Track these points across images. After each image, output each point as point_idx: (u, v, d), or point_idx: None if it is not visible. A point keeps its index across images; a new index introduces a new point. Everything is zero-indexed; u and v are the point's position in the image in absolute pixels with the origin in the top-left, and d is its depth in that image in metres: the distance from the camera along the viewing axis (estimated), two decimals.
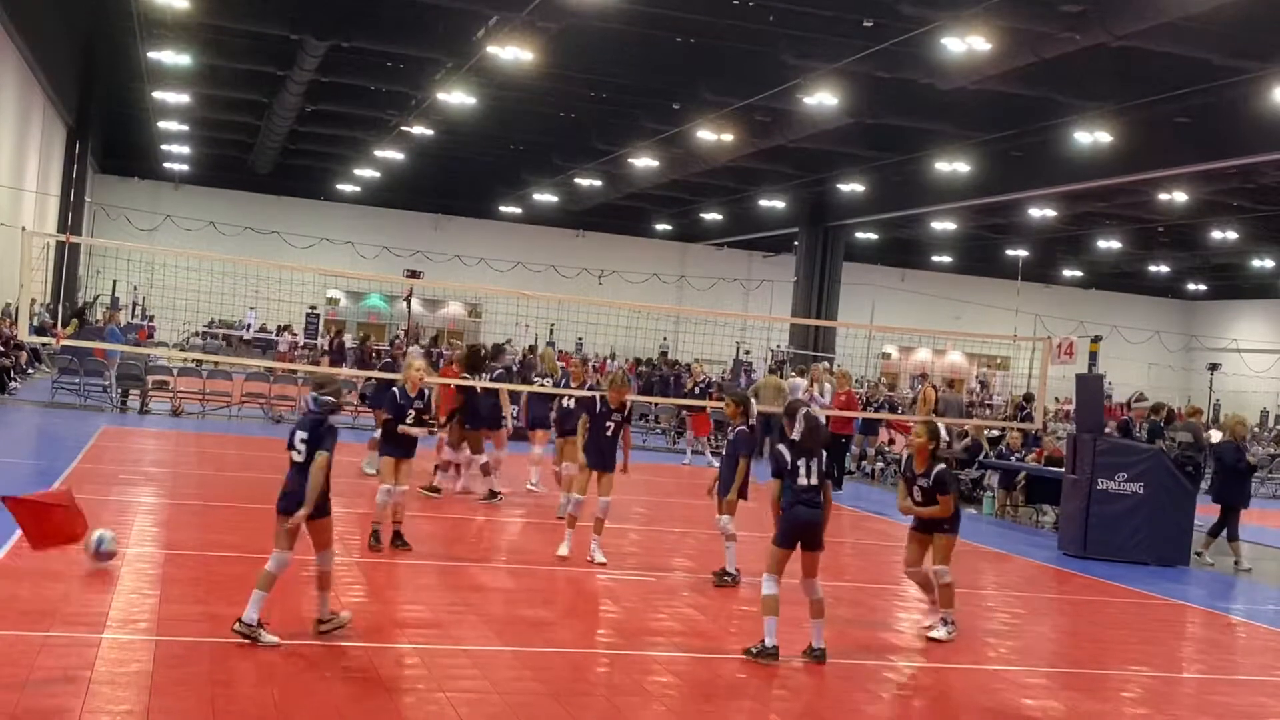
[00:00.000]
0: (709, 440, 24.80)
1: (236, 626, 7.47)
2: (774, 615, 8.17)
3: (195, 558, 10.14)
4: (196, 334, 41.40)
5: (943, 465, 9.29)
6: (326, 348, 37.36)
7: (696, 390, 25.50)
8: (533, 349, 39.93)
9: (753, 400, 11.68)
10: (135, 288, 43.21)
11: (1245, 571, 15.11)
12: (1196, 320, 61.51)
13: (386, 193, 51.01)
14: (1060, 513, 16.41)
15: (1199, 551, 15.25)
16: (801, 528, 8.34)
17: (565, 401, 14.37)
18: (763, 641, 8.17)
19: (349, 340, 39.40)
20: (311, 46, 28.57)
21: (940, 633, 9.36)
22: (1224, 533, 15.44)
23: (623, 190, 45.37)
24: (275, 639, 7.48)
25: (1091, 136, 27.88)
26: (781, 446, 8.45)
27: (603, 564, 11.24)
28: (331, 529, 7.95)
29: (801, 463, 8.37)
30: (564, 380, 15.62)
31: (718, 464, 21.89)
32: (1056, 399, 36.83)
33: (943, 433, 9.31)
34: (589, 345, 44.37)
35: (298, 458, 7.73)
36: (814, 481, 8.38)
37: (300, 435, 7.78)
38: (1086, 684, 8.69)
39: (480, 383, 14.96)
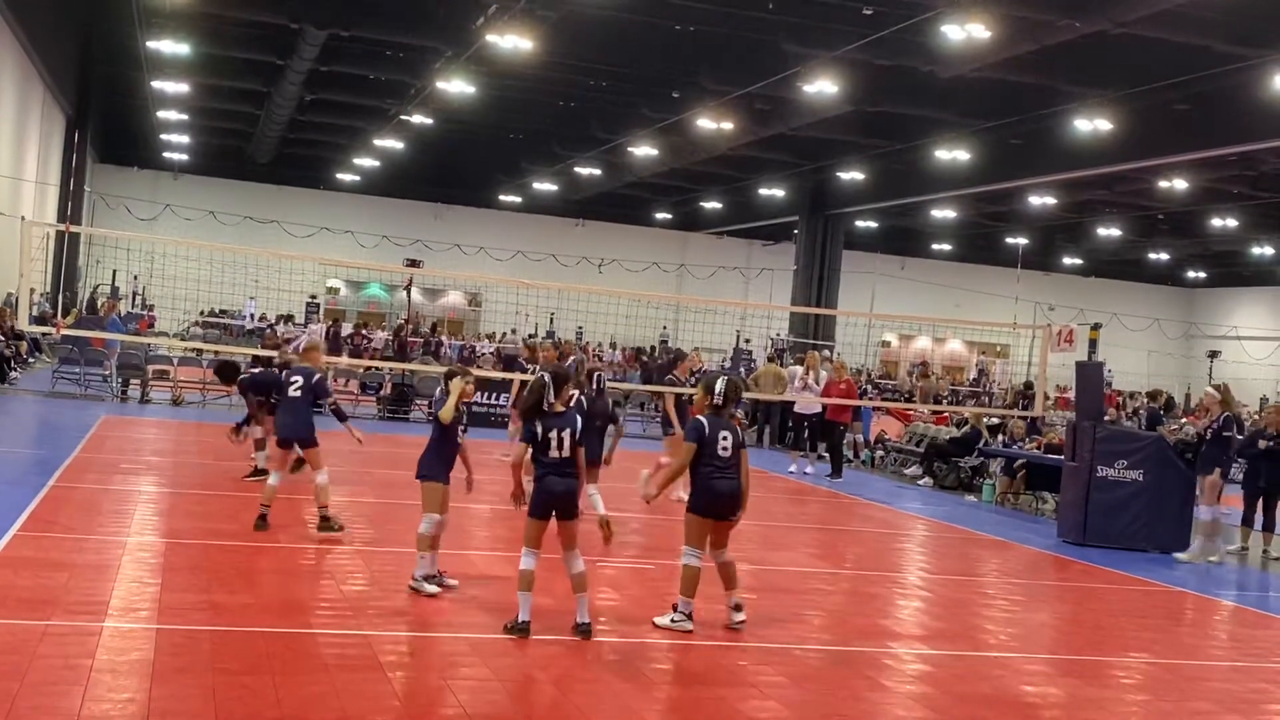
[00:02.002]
0: None
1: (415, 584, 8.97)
2: (529, 591, 8.03)
3: (196, 546, 10.15)
4: (196, 324, 41.40)
5: (698, 417, 8.72)
6: (322, 336, 37.37)
7: (690, 381, 25.12)
8: (532, 337, 39.96)
9: (602, 375, 12.68)
10: (135, 277, 43.20)
11: (1242, 553, 15.19)
12: (1196, 308, 61.49)
13: (386, 182, 50.98)
14: (1060, 500, 16.43)
15: (1266, 549, 15.19)
16: (555, 498, 8.08)
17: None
18: (517, 617, 8.02)
19: (346, 329, 39.52)
20: (311, 35, 28.52)
21: (664, 619, 8.64)
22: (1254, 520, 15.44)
23: (622, 179, 45.32)
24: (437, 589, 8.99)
25: (1091, 124, 27.85)
26: (533, 418, 8.21)
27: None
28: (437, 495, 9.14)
29: (554, 434, 8.10)
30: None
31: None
32: (1058, 386, 36.86)
33: (718, 387, 8.86)
34: (589, 334, 44.38)
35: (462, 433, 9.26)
36: (566, 454, 8.11)
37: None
38: (1086, 670, 8.71)
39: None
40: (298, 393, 11.08)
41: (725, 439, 8.52)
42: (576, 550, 8.17)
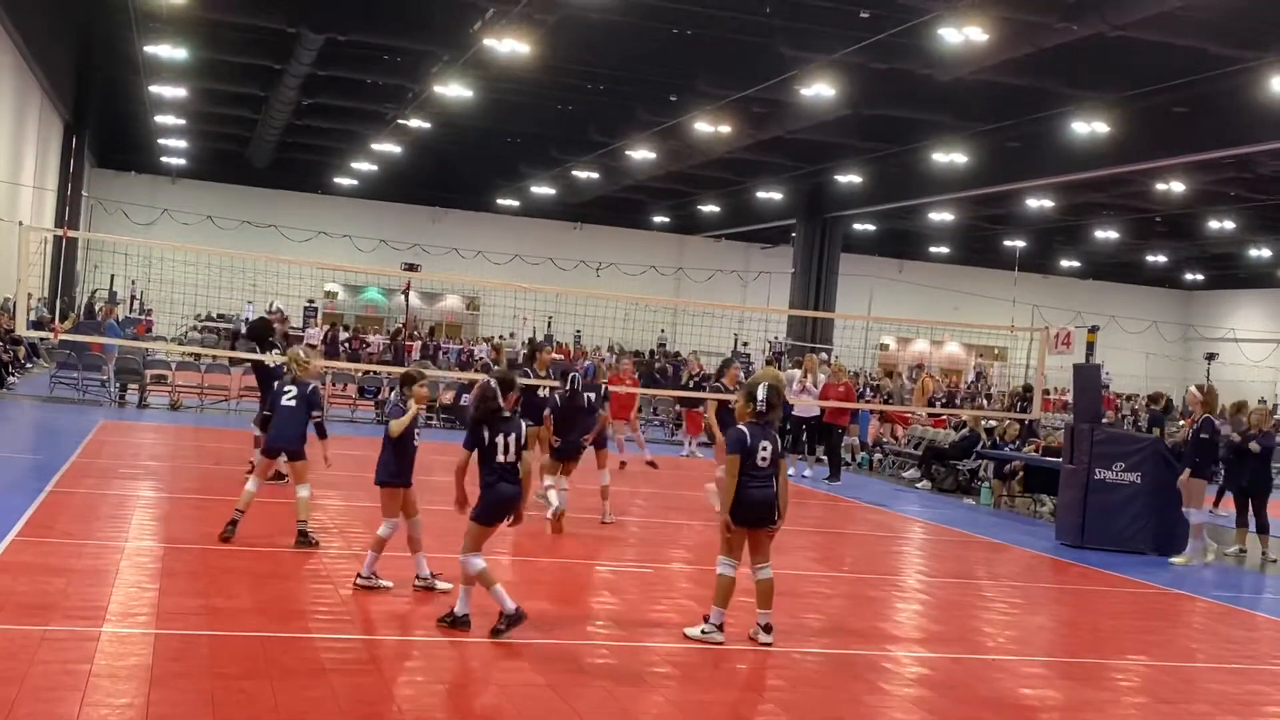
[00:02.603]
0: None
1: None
2: (497, 582, 8.02)
3: (194, 551, 10.15)
4: (195, 328, 41.41)
5: (738, 427, 8.62)
6: (320, 341, 37.42)
7: (692, 383, 25.19)
8: (532, 341, 39.98)
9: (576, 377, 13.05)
10: (133, 282, 43.17)
11: (1240, 555, 15.21)
12: (1194, 310, 61.53)
13: (384, 186, 51.01)
14: (1058, 502, 16.43)
15: (1264, 551, 15.25)
16: (505, 504, 8.11)
17: (541, 392, 14.30)
18: (501, 613, 7.98)
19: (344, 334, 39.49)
20: (308, 40, 28.55)
21: (695, 630, 8.54)
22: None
23: (620, 182, 45.34)
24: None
25: (1089, 127, 27.90)
26: (481, 424, 8.13)
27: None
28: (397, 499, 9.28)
29: (500, 439, 8.07)
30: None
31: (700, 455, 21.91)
32: (1055, 388, 36.87)
33: (760, 394, 8.77)
34: (587, 337, 44.41)
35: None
36: (512, 458, 8.09)
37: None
38: (1084, 673, 8.72)
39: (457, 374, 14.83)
40: (292, 402, 10.71)
41: (765, 449, 8.46)
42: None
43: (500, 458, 8.08)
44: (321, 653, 7.41)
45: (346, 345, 38.55)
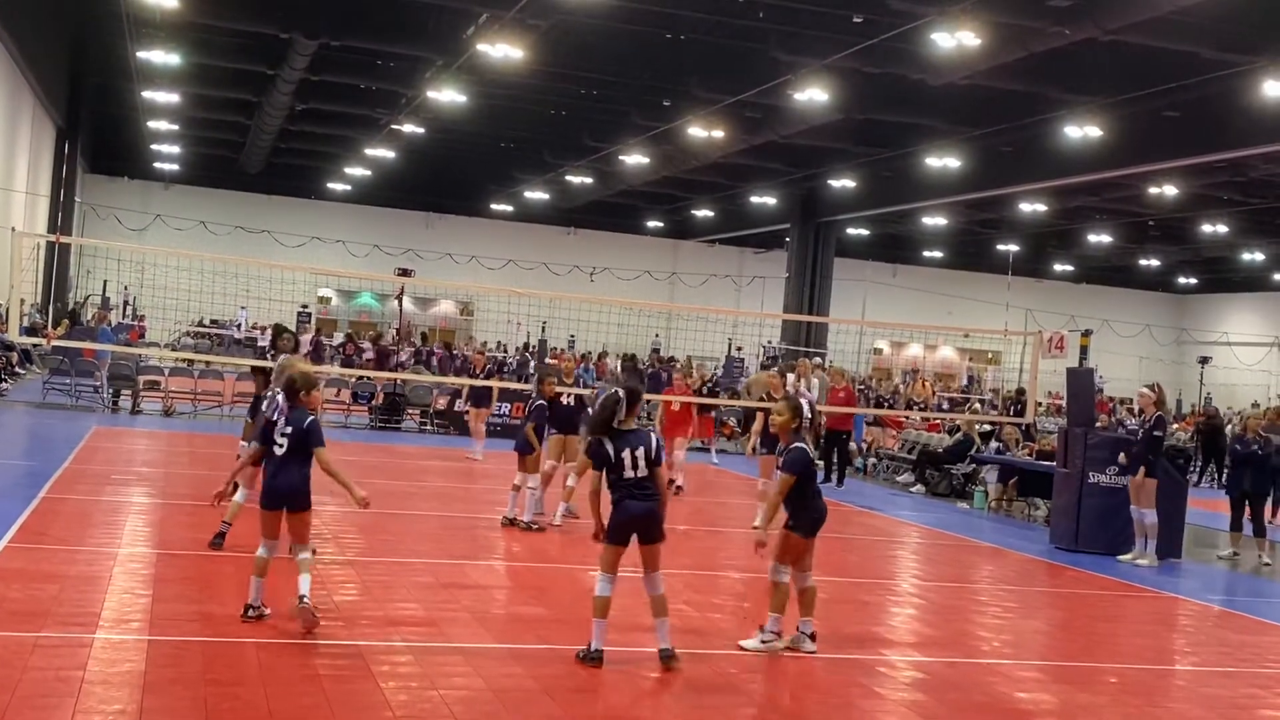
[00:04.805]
0: (714, 438, 24.87)
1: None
2: (604, 618, 7.69)
3: (187, 557, 10.13)
4: (188, 334, 41.34)
5: (799, 445, 8.55)
6: (309, 347, 37.35)
7: (705, 390, 25.01)
8: (527, 347, 39.94)
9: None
10: (126, 288, 43.10)
11: (1234, 558, 15.26)
12: (1187, 314, 61.63)
13: (377, 191, 50.98)
14: (1052, 506, 16.44)
15: (1260, 554, 15.29)
16: (633, 521, 7.75)
17: (563, 399, 14.29)
18: (590, 645, 7.70)
19: (338, 338, 39.42)
20: (301, 45, 28.53)
21: (753, 642, 8.54)
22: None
23: (614, 187, 45.36)
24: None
25: (1081, 131, 27.95)
26: (602, 437, 7.81)
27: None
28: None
29: (626, 453, 7.74)
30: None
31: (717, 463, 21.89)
32: (1049, 393, 36.91)
33: (806, 411, 8.75)
34: (581, 343, 44.36)
35: (279, 450, 8.22)
36: (642, 473, 7.75)
37: (284, 430, 8.21)
38: (1079, 677, 8.71)
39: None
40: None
41: (816, 461, 8.71)
42: (659, 572, 7.89)
43: (629, 473, 7.73)
44: (316, 659, 7.39)
45: (340, 351, 38.42)
